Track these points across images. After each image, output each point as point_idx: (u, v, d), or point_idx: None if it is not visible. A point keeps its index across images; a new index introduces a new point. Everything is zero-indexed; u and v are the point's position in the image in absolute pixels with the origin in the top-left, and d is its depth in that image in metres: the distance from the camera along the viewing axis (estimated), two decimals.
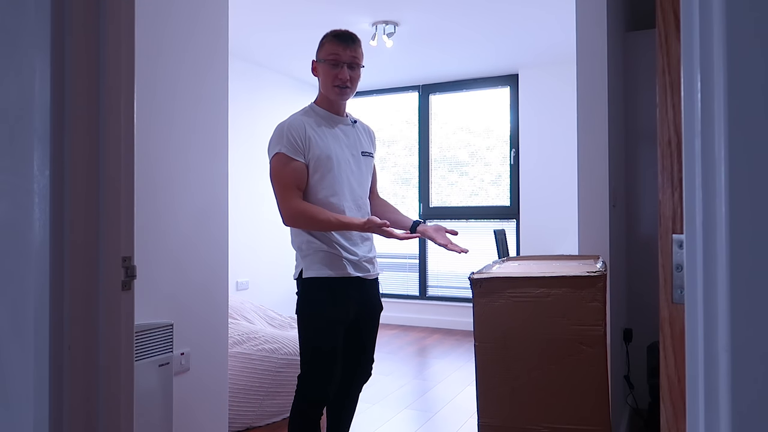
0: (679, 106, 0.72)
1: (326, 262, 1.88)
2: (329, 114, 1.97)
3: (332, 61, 1.90)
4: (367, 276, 1.97)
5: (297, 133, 1.86)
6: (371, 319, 2.05)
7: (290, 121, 1.90)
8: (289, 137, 1.86)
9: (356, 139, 2.02)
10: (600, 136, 2.43)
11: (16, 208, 0.97)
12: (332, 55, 1.91)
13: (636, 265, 3.01)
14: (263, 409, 2.97)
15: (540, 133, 5.34)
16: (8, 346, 0.97)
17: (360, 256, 1.93)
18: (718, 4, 0.60)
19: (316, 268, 1.88)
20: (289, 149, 1.85)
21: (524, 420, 1.76)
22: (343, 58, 1.91)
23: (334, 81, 1.90)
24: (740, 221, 0.59)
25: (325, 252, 1.88)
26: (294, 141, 1.85)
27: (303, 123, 1.89)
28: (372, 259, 2.00)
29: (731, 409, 0.59)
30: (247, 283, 5.02)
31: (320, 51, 1.97)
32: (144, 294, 1.95)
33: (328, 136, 1.93)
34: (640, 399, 2.75)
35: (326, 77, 1.92)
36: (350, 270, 1.90)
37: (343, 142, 1.96)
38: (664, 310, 0.85)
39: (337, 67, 1.90)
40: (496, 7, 3.87)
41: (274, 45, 4.70)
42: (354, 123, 2.05)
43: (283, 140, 1.86)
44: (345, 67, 1.91)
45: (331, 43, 1.93)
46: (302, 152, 1.86)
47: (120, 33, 1.06)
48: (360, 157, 2.01)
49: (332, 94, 1.93)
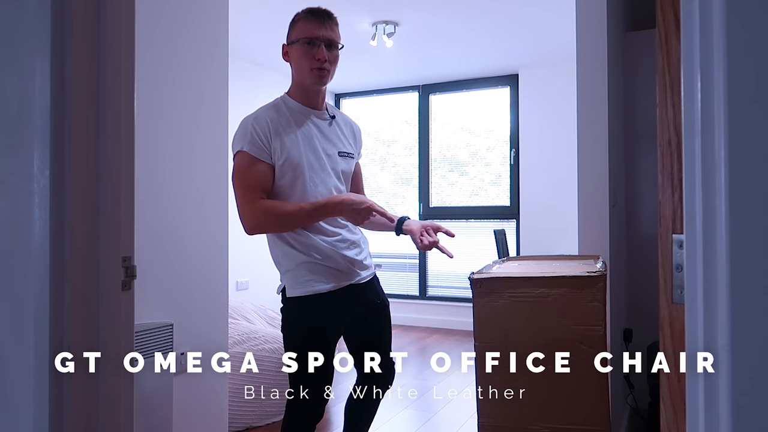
0: (679, 106, 0.72)
1: (310, 275, 1.68)
2: (302, 107, 1.75)
3: (307, 39, 1.68)
4: (359, 280, 1.79)
5: (262, 131, 1.65)
6: (374, 320, 1.88)
7: (255, 116, 1.69)
8: (254, 135, 1.65)
9: (333, 138, 1.79)
10: (600, 136, 2.43)
11: (16, 208, 0.97)
12: (307, 33, 1.68)
13: (636, 265, 3.01)
14: (263, 409, 2.97)
15: (540, 133, 5.33)
16: (8, 346, 0.97)
17: (346, 260, 1.74)
18: (718, 4, 0.60)
19: (300, 286, 1.68)
20: (253, 148, 1.65)
21: (524, 420, 1.75)
22: (320, 35, 1.68)
23: (311, 63, 1.68)
24: (740, 221, 0.59)
25: (307, 264, 1.68)
26: (259, 139, 1.65)
27: (268, 120, 1.68)
28: (362, 262, 1.80)
29: (731, 409, 0.59)
30: (247, 283, 5.02)
31: (292, 32, 1.74)
32: (144, 294, 1.95)
33: (299, 136, 1.70)
34: (640, 399, 2.74)
35: (301, 59, 1.69)
36: (339, 281, 1.71)
37: (316, 142, 1.73)
38: (664, 310, 0.85)
39: (314, 46, 1.68)
40: (496, 7, 3.87)
41: (274, 45, 4.68)
42: (333, 118, 1.82)
43: (246, 137, 1.65)
44: (322, 45, 1.68)
45: (305, 20, 1.71)
46: (267, 152, 1.66)
47: (120, 33, 1.06)
48: (336, 157, 1.78)
49: (308, 78, 1.70)
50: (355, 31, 4.29)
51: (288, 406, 1.72)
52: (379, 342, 1.90)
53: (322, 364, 1.64)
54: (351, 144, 1.87)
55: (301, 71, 1.72)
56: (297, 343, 1.69)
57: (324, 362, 1.64)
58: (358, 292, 1.79)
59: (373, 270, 1.90)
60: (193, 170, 2.20)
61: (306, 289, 1.68)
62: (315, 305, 1.69)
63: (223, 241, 2.36)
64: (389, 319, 1.95)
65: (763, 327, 0.58)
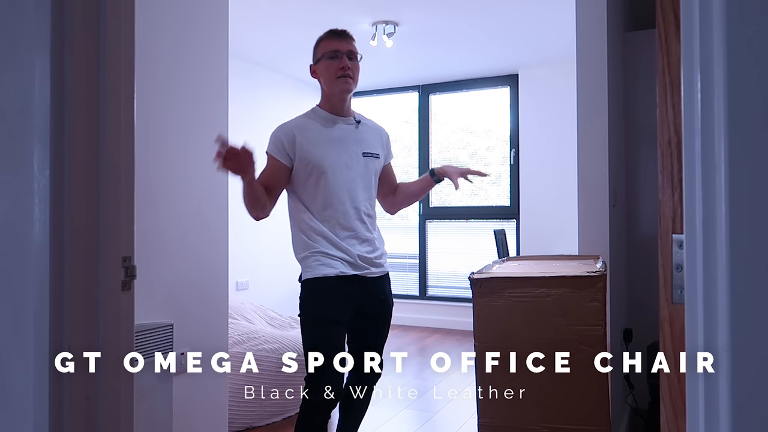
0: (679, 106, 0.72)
1: (321, 262, 1.89)
2: (330, 115, 2.00)
3: (331, 53, 1.95)
4: (367, 274, 1.95)
5: (286, 136, 1.93)
6: (375, 316, 2.02)
7: (284, 124, 1.98)
8: (277, 139, 1.94)
9: (358, 140, 2.01)
10: (600, 136, 2.43)
11: (16, 208, 0.97)
12: (331, 49, 1.96)
13: (636, 265, 3.01)
14: (263, 409, 2.97)
15: (540, 133, 5.33)
16: (8, 346, 0.97)
17: (357, 256, 1.93)
18: (718, 4, 0.60)
19: (311, 270, 1.90)
20: (275, 149, 1.93)
21: (524, 420, 1.75)
22: (342, 49, 1.96)
23: (336, 72, 1.94)
24: (740, 221, 0.59)
25: (318, 252, 1.90)
26: (280, 143, 1.93)
27: (293, 126, 1.95)
28: (373, 260, 1.97)
29: (731, 409, 0.59)
30: (247, 283, 5.02)
31: (317, 51, 2.02)
32: (144, 294, 1.95)
33: (324, 140, 1.95)
34: (640, 399, 2.74)
35: (328, 71, 1.96)
36: (345, 269, 1.90)
37: (339, 144, 1.96)
38: (664, 310, 0.85)
39: (337, 58, 1.95)
40: (496, 6, 3.87)
41: (274, 44, 4.69)
42: (358, 123, 2.04)
43: (272, 142, 1.95)
44: (344, 57, 1.96)
45: (328, 39, 1.99)
46: (286, 154, 1.92)
47: (120, 33, 1.06)
48: (360, 158, 1.99)
49: (336, 87, 1.96)
50: (355, 31, 4.26)
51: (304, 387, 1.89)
52: (376, 337, 2.06)
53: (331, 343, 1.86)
54: (377, 146, 2.07)
55: (328, 82, 1.97)
56: (308, 320, 1.90)
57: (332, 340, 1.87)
58: (364, 284, 1.96)
59: (385, 270, 2.05)
60: (194, 170, 2.20)
61: (315, 272, 1.89)
62: (322, 287, 1.89)
63: (223, 241, 2.36)
64: (389, 319, 2.09)
65: (763, 327, 0.58)
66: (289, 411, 3.05)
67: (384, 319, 2.07)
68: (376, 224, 2.06)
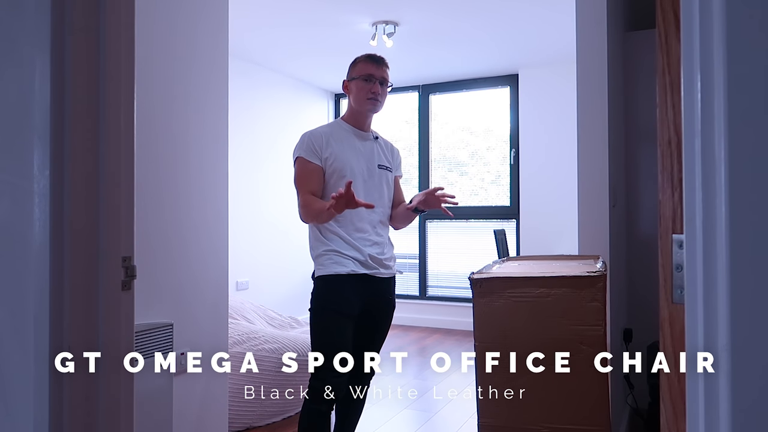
0: (679, 106, 0.72)
1: (334, 260, 2.01)
2: (353, 128, 2.17)
3: (366, 76, 2.12)
4: (376, 274, 2.07)
5: (316, 140, 2.07)
6: (379, 315, 2.14)
7: (313, 130, 2.13)
8: (309, 143, 2.07)
9: (374, 154, 2.18)
10: (600, 136, 2.43)
11: (16, 208, 0.97)
12: (366, 72, 2.12)
13: (636, 265, 3.01)
14: (263, 409, 2.97)
15: (540, 133, 5.33)
16: (8, 346, 0.97)
17: (368, 256, 2.05)
18: (718, 4, 0.60)
19: (325, 267, 2.02)
20: (308, 153, 2.06)
21: (524, 420, 1.75)
22: (376, 75, 2.13)
23: (367, 94, 2.12)
24: (740, 221, 0.59)
25: (332, 251, 2.02)
26: (312, 145, 2.06)
27: (322, 133, 2.10)
28: (383, 261, 2.10)
29: (731, 409, 0.59)
30: (247, 283, 5.02)
31: (353, 70, 2.17)
32: (144, 294, 1.94)
33: (347, 148, 2.11)
34: (640, 399, 2.74)
35: (360, 91, 2.13)
36: (356, 267, 2.02)
37: (360, 155, 2.13)
38: (664, 310, 0.85)
39: (371, 82, 2.12)
40: (496, 7, 3.87)
41: (274, 44, 4.69)
42: (376, 139, 2.23)
43: (303, 146, 2.07)
44: (377, 82, 2.13)
45: (365, 62, 2.15)
46: (318, 156, 2.06)
47: (120, 33, 1.06)
48: (375, 169, 2.16)
49: (364, 107, 2.14)
50: (355, 31, 4.29)
51: (309, 382, 1.97)
52: (377, 335, 2.17)
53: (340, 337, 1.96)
54: (389, 160, 2.26)
55: (359, 100, 2.14)
56: (318, 316, 2.01)
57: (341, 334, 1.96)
58: (373, 283, 2.08)
59: (393, 272, 2.18)
60: (194, 170, 2.20)
61: (329, 270, 2.01)
62: (334, 284, 2.01)
63: (223, 241, 2.36)
64: (391, 320, 2.21)
65: (763, 327, 0.58)
66: (289, 411, 3.05)
67: (387, 319, 2.19)
68: (387, 232, 2.21)
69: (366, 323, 2.09)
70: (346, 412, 2.18)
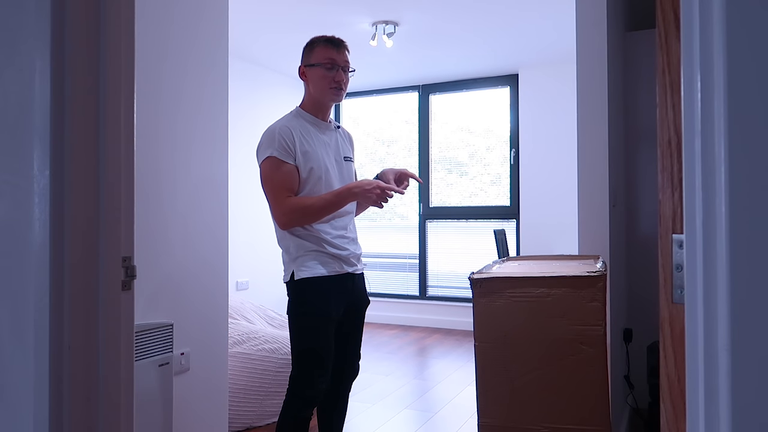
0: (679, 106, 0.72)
1: (318, 261, 1.92)
2: (315, 119, 2.02)
3: (328, 64, 1.96)
4: (356, 271, 2.04)
5: (287, 136, 1.90)
6: (358, 314, 2.10)
7: (280, 125, 1.94)
8: (281, 140, 1.89)
9: (339, 145, 2.07)
10: (600, 136, 2.43)
11: (16, 208, 0.97)
12: (328, 59, 1.97)
13: (636, 265, 3.01)
14: (263, 409, 2.97)
15: (540, 133, 5.33)
16: (8, 346, 0.97)
17: (349, 252, 1.99)
18: (718, 4, 0.60)
19: (308, 269, 1.91)
20: (281, 152, 1.88)
21: (524, 420, 1.75)
22: (339, 61, 1.98)
23: (330, 83, 1.97)
24: (740, 221, 0.59)
25: (314, 252, 1.93)
26: (285, 144, 1.89)
27: (291, 128, 1.93)
28: (359, 257, 2.06)
29: (731, 408, 0.59)
30: (247, 283, 5.02)
31: (311, 56, 2.00)
32: (144, 294, 1.95)
33: (317, 144, 1.97)
34: (640, 399, 2.74)
35: (322, 80, 1.97)
36: (341, 267, 1.96)
37: (329, 148, 2.01)
38: (664, 310, 0.85)
39: (334, 69, 1.97)
40: (496, 7, 3.87)
41: (274, 45, 4.70)
42: (337, 128, 2.11)
43: (274, 144, 1.89)
44: (340, 69, 1.98)
45: (325, 47, 1.98)
46: (292, 155, 1.90)
47: (120, 33, 1.06)
48: (343, 162, 2.05)
49: (327, 97, 1.99)
50: (355, 31, 4.29)
51: (289, 387, 1.93)
52: (357, 333, 2.12)
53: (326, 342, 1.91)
54: (350, 149, 2.16)
55: (321, 90, 1.98)
56: (304, 321, 1.92)
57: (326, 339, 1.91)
58: (353, 281, 2.04)
59: (362, 267, 2.12)
60: (194, 170, 2.20)
61: (313, 271, 1.91)
62: (319, 285, 1.92)
63: (223, 242, 2.36)
64: (364, 317, 2.16)
65: (763, 327, 0.58)
66: None
67: (363, 316, 2.14)
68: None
69: (348, 322, 2.04)
70: (332, 413, 2.11)
